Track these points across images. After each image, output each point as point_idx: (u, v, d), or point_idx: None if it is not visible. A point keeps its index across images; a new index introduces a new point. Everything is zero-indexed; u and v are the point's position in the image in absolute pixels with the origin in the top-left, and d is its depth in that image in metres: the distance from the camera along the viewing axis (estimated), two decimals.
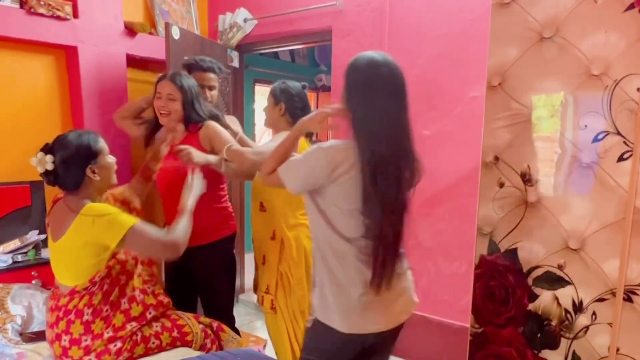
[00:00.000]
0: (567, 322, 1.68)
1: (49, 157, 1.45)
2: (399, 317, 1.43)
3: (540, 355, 1.75)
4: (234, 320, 2.22)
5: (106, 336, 1.46)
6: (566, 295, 1.67)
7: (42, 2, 2.34)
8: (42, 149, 1.47)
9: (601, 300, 1.60)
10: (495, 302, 1.84)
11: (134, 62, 2.89)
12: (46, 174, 1.47)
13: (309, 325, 1.47)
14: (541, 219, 1.69)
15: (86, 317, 1.44)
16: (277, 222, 2.02)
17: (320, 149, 1.32)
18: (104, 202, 1.64)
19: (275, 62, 5.06)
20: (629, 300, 1.55)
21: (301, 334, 1.99)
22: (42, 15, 2.36)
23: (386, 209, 1.28)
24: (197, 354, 1.59)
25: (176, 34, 2.60)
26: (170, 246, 1.46)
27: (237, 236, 2.22)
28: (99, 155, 1.52)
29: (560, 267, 1.67)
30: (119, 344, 1.47)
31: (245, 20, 3.09)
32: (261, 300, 2.09)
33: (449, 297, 2.51)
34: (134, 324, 1.52)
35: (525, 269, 1.75)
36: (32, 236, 2.36)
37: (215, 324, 1.81)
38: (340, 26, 2.73)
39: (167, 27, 2.56)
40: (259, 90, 4.96)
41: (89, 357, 1.44)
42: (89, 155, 1.49)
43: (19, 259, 2.25)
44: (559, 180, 1.65)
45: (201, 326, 1.72)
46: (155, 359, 1.54)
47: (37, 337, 1.70)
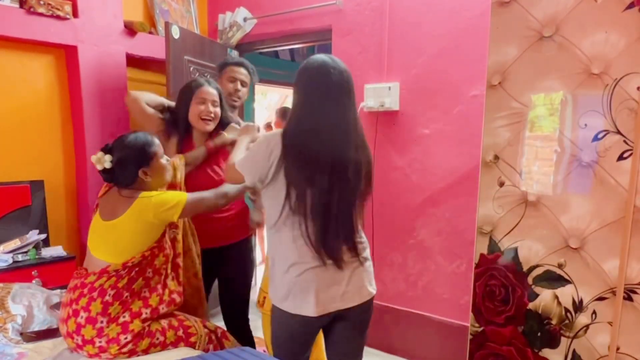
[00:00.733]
0: (567, 321, 1.68)
1: (108, 157, 1.57)
2: (345, 303, 1.45)
3: (540, 354, 1.75)
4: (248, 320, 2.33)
5: (121, 320, 1.51)
6: (566, 294, 1.67)
7: (41, 2, 2.34)
8: (102, 149, 1.61)
9: (601, 299, 1.60)
10: (495, 301, 1.84)
11: (133, 61, 2.89)
12: (104, 171, 1.60)
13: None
14: (541, 218, 1.69)
15: (107, 298, 1.51)
16: None
17: (262, 136, 1.48)
18: None
19: (275, 61, 5.04)
20: (629, 299, 1.55)
21: None
22: (41, 14, 2.36)
23: (313, 191, 1.36)
24: (199, 353, 1.59)
25: (176, 33, 2.60)
26: (221, 197, 1.74)
27: None
28: (153, 159, 1.63)
29: (560, 266, 1.67)
30: (129, 337, 1.52)
31: (245, 19, 3.09)
32: (262, 301, 2.08)
33: (449, 296, 2.51)
34: (148, 311, 1.57)
35: (525, 268, 1.75)
36: (32, 236, 2.36)
37: (219, 331, 1.80)
38: (340, 25, 2.73)
39: (167, 26, 2.56)
40: (259, 89, 4.95)
41: (99, 339, 1.49)
42: (142, 158, 1.60)
43: (19, 258, 2.26)
44: (558, 179, 1.65)
45: (206, 330, 1.73)
46: (157, 357, 1.55)
47: (38, 336, 1.70)
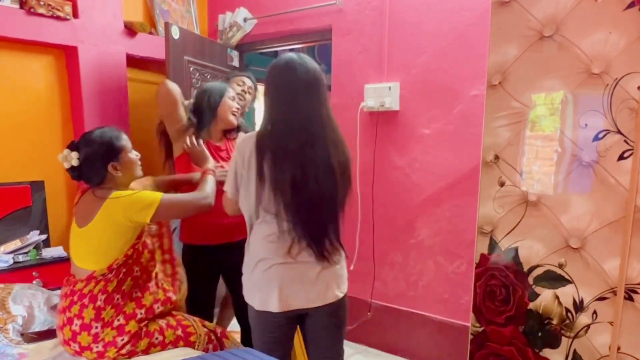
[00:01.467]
0: (567, 321, 1.68)
1: (74, 154, 1.53)
2: (308, 303, 1.46)
3: (541, 354, 1.75)
4: None
5: (116, 324, 1.51)
6: (567, 294, 1.67)
7: (42, 2, 2.34)
8: (68, 146, 1.56)
9: (602, 299, 1.60)
10: (495, 301, 1.84)
11: (133, 61, 2.89)
12: (72, 169, 1.56)
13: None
14: (542, 217, 1.69)
15: (99, 303, 1.50)
16: None
17: (236, 147, 1.50)
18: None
19: None
20: (630, 299, 1.55)
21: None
22: (42, 15, 2.36)
23: (277, 188, 1.38)
24: (199, 353, 1.59)
25: (176, 33, 2.60)
26: (203, 199, 1.65)
27: None
28: (121, 152, 1.58)
29: (560, 266, 1.67)
30: (125, 339, 1.51)
31: (245, 19, 3.09)
32: None
33: (449, 296, 2.51)
34: (142, 311, 1.56)
35: (525, 268, 1.75)
36: (33, 236, 2.36)
37: (219, 330, 1.80)
38: (340, 25, 2.73)
39: (167, 26, 2.55)
40: (259, 89, 4.94)
41: (96, 345, 1.49)
42: (110, 153, 1.56)
43: (20, 259, 2.26)
44: (559, 179, 1.65)
45: (205, 330, 1.72)
46: (156, 357, 1.55)
47: (39, 337, 1.70)
